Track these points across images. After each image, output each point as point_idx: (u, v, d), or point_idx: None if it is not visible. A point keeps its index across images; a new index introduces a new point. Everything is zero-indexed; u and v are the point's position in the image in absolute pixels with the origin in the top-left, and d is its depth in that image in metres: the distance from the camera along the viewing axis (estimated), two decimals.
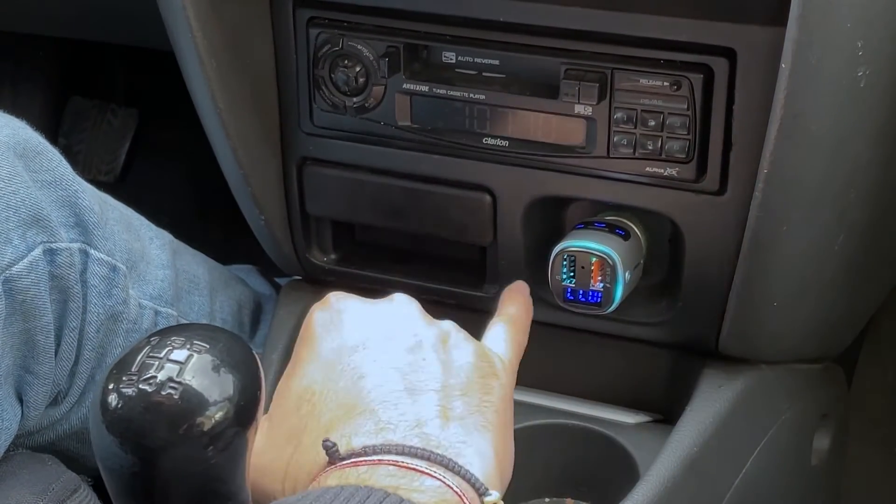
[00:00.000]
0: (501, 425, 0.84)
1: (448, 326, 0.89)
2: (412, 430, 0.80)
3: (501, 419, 0.85)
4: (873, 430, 1.47)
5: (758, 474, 1.09)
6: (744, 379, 1.07)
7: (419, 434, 0.80)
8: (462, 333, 0.89)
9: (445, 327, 0.89)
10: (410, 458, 0.78)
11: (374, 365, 0.84)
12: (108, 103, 1.90)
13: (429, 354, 0.85)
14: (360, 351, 0.86)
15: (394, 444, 0.79)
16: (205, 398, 0.74)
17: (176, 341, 0.76)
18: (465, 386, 0.84)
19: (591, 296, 1.02)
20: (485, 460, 0.81)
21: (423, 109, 1.08)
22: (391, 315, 0.90)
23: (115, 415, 0.74)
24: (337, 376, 0.85)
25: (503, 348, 0.90)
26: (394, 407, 0.82)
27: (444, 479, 0.78)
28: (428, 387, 0.83)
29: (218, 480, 0.76)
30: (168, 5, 1.08)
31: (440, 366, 0.85)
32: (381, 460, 0.78)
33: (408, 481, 0.77)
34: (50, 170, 1.04)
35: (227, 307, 1.23)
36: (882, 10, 0.91)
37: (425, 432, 0.80)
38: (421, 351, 0.86)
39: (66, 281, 1.03)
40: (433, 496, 0.77)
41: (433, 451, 0.79)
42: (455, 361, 0.86)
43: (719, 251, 1.03)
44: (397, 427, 0.80)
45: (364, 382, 0.83)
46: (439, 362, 0.85)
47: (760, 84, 0.96)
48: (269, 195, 1.16)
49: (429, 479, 0.78)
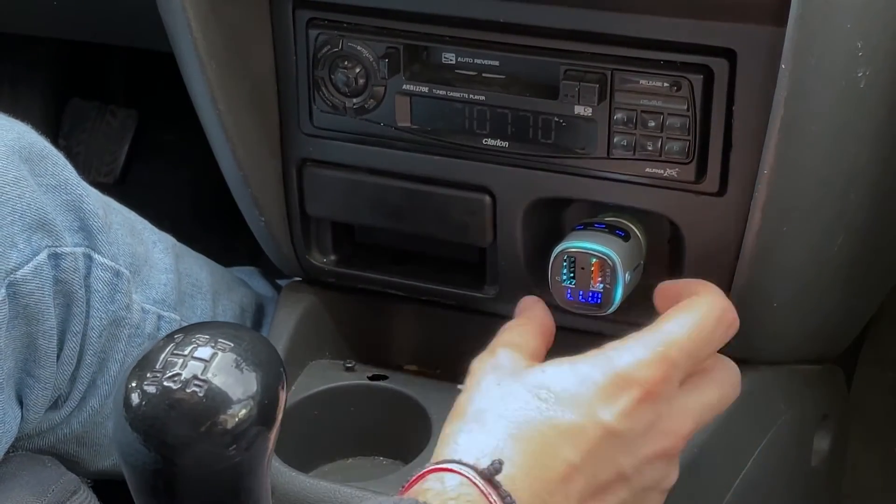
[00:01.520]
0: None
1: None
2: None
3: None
4: (873, 430, 1.47)
5: (758, 475, 1.09)
6: (744, 380, 1.07)
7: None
8: None
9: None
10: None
11: None
12: (107, 105, 1.90)
13: None
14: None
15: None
16: (229, 396, 0.74)
17: (200, 339, 0.76)
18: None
19: (591, 297, 1.02)
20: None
21: (422, 110, 1.08)
22: None
23: (139, 412, 0.74)
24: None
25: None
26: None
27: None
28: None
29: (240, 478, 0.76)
30: (168, 7, 1.08)
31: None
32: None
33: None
34: (55, 174, 1.04)
35: (230, 310, 1.23)
36: (882, 10, 0.91)
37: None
38: None
39: (70, 285, 1.03)
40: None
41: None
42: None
43: (719, 252, 1.03)
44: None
45: None
46: None
47: (760, 85, 0.96)
48: (269, 196, 1.16)
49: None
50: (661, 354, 0.90)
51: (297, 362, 1.16)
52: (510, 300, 1.05)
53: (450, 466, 0.82)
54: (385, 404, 1.14)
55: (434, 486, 0.81)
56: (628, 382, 0.88)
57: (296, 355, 1.16)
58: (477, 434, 0.85)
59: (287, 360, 1.12)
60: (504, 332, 0.97)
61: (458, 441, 0.85)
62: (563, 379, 0.88)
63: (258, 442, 0.76)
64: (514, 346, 0.94)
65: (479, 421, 0.86)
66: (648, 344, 0.90)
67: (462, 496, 0.80)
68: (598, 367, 0.88)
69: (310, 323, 1.19)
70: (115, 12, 1.44)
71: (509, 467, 0.82)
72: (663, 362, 0.89)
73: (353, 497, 1.02)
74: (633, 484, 0.89)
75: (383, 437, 1.13)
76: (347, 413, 1.14)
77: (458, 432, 0.86)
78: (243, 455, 0.75)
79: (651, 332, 0.91)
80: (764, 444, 1.09)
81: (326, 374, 1.17)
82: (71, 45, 1.80)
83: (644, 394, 0.88)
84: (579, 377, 0.88)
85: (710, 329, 0.93)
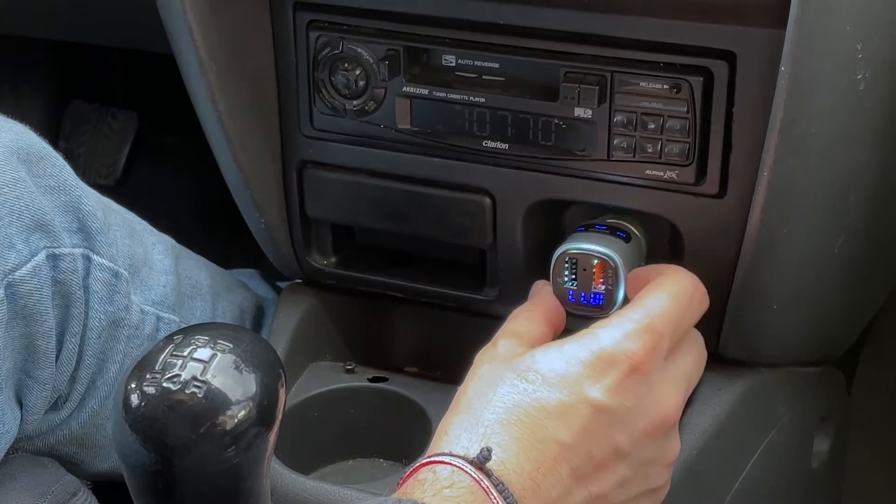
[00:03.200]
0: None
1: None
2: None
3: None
4: (873, 432, 1.47)
5: (758, 477, 1.09)
6: (743, 382, 1.07)
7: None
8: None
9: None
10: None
11: None
12: (108, 107, 1.90)
13: None
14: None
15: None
16: (228, 397, 0.74)
17: (199, 340, 0.76)
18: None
19: (593, 298, 1.02)
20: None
21: (423, 112, 1.08)
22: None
23: (139, 413, 0.74)
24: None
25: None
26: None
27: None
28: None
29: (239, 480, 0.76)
30: (168, 8, 1.08)
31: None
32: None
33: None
34: (53, 175, 1.04)
35: (230, 312, 1.23)
36: (881, 12, 0.91)
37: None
38: None
39: (69, 286, 1.03)
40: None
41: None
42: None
43: (719, 254, 1.03)
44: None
45: None
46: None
47: (760, 87, 0.96)
48: (269, 198, 1.16)
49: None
50: (647, 326, 0.91)
51: (298, 364, 1.17)
52: (510, 302, 1.05)
53: (441, 459, 0.82)
54: (385, 406, 1.14)
55: (427, 477, 0.82)
56: (615, 357, 0.89)
57: (296, 357, 1.16)
58: (466, 423, 0.86)
59: (287, 362, 1.13)
60: (510, 321, 0.99)
61: (449, 432, 0.86)
62: (550, 360, 0.88)
63: (257, 443, 0.76)
64: (516, 335, 0.95)
65: (469, 410, 0.87)
66: (633, 318, 0.92)
67: (456, 483, 0.81)
68: (585, 346, 0.90)
69: (310, 325, 1.19)
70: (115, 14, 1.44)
71: (500, 452, 0.83)
72: (651, 333, 0.91)
73: (353, 499, 1.03)
74: (631, 460, 0.89)
75: (383, 439, 1.13)
76: (347, 415, 1.14)
77: (449, 424, 0.88)
78: (243, 456, 0.75)
79: (633, 308, 0.93)
80: (764, 446, 1.09)
81: (326, 375, 1.17)
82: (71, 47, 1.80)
83: (631, 367, 0.89)
84: (566, 357, 0.89)
85: (686, 300, 0.96)
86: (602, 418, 0.87)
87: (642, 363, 0.89)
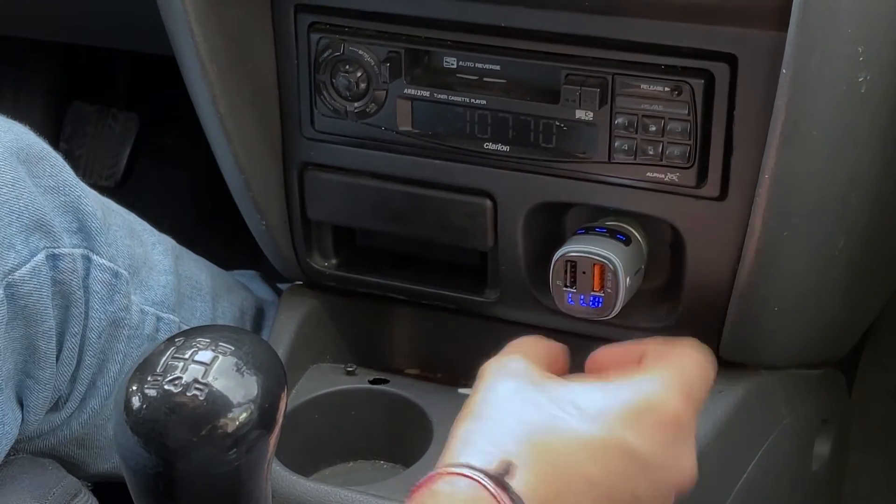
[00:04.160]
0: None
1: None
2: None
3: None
4: (874, 435, 1.47)
5: (758, 480, 1.09)
6: (744, 384, 1.07)
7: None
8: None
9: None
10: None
11: None
12: (109, 108, 1.90)
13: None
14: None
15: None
16: (229, 400, 0.74)
17: (201, 342, 0.76)
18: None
19: (592, 301, 1.02)
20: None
21: (424, 114, 1.08)
22: None
23: (140, 415, 0.75)
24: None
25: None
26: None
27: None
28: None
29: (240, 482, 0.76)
30: (169, 10, 1.08)
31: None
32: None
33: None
34: (53, 175, 1.04)
35: (230, 313, 1.23)
36: (883, 14, 0.91)
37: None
38: None
39: (69, 286, 1.03)
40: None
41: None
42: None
43: (720, 256, 1.03)
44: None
45: None
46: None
47: (761, 89, 0.96)
48: (270, 200, 1.16)
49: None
50: (686, 381, 0.90)
51: (298, 366, 1.17)
52: (511, 304, 1.05)
53: (460, 471, 0.81)
54: (386, 408, 1.14)
55: (444, 489, 0.80)
56: (656, 407, 0.87)
57: (297, 359, 1.16)
58: (491, 436, 0.83)
59: (288, 364, 1.12)
60: (515, 343, 0.95)
61: (469, 441, 0.84)
62: (590, 394, 0.87)
63: (259, 445, 0.76)
64: (527, 355, 0.93)
65: (496, 422, 0.84)
66: (671, 372, 0.90)
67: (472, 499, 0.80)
68: (627, 389, 0.88)
69: (311, 327, 1.19)
70: (116, 16, 1.44)
71: (524, 472, 0.81)
72: (688, 389, 0.90)
73: (354, 501, 1.02)
74: None
75: (384, 441, 1.13)
76: (348, 417, 1.14)
77: (471, 433, 0.84)
78: (244, 458, 0.75)
79: (669, 363, 0.92)
80: (765, 448, 1.09)
81: (327, 377, 1.17)
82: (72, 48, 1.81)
83: (671, 421, 0.88)
84: (607, 395, 0.87)
85: (712, 368, 0.95)
86: (631, 463, 0.85)
87: (680, 421, 0.88)
